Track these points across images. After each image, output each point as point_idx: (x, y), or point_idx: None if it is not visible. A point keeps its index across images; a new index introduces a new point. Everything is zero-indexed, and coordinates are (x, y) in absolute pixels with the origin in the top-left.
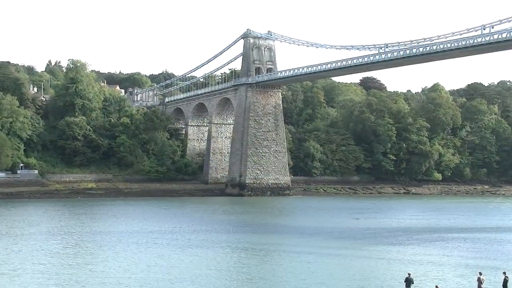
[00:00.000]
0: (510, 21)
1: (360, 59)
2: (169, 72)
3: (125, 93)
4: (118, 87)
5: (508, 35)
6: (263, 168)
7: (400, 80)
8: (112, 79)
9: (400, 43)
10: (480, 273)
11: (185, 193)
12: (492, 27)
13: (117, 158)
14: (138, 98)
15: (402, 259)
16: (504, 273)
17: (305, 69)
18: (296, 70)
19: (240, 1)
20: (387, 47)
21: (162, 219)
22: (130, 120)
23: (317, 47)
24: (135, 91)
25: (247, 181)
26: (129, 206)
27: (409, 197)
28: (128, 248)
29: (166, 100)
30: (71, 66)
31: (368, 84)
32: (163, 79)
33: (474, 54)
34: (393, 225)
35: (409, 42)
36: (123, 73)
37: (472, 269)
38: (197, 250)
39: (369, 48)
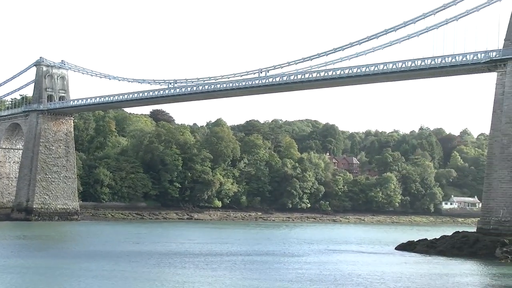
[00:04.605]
0: (282, 67)
1: (151, 93)
2: None
3: None
4: None
5: (280, 79)
6: (52, 193)
7: (187, 114)
8: None
9: (188, 80)
10: None
11: None
12: (268, 71)
13: None
14: None
15: (186, 280)
16: None
17: (97, 99)
18: (88, 100)
19: (34, 28)
20: (176, 83)
21: None
22: None
23: (110, 79)
24: None
25: (34, 206)
26: None
27: (191, 222)
28: None
29: None
30: None
31: (157, 116)
32: None
33: (252, 94)
34: (172, 249)
35: (196, 80)
36: None
37: None
38: None
39: (160, 83)
